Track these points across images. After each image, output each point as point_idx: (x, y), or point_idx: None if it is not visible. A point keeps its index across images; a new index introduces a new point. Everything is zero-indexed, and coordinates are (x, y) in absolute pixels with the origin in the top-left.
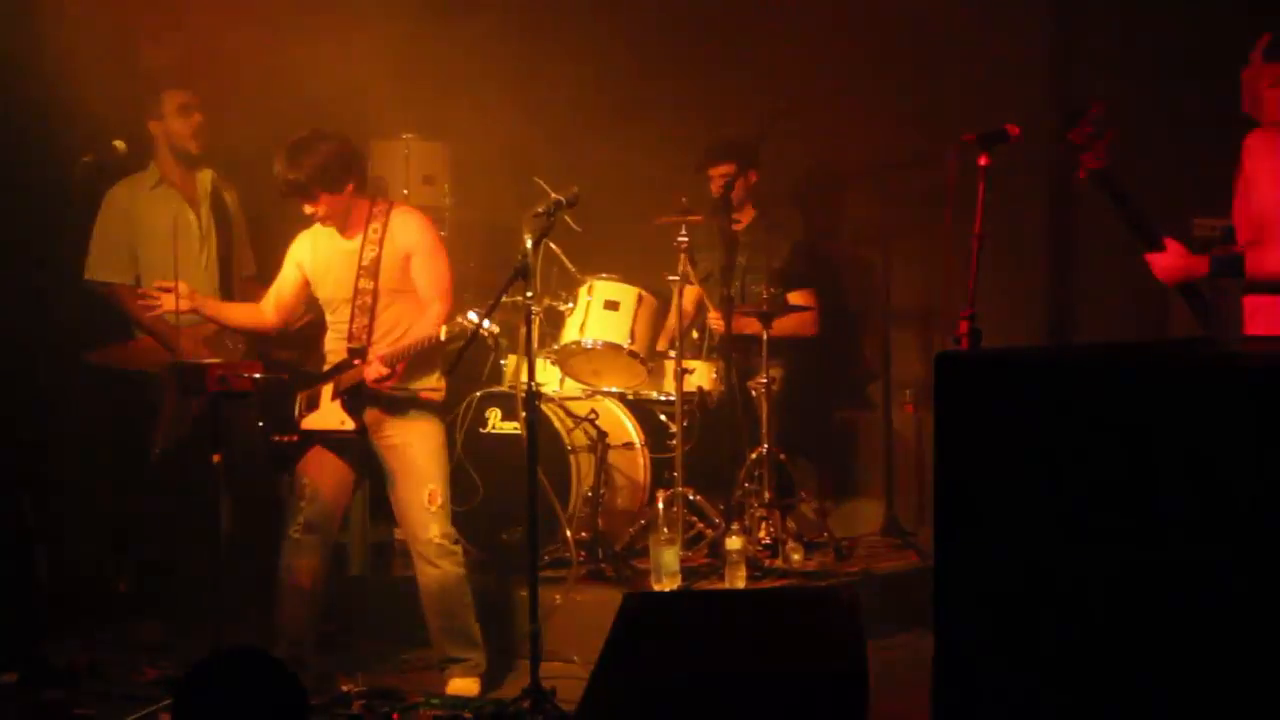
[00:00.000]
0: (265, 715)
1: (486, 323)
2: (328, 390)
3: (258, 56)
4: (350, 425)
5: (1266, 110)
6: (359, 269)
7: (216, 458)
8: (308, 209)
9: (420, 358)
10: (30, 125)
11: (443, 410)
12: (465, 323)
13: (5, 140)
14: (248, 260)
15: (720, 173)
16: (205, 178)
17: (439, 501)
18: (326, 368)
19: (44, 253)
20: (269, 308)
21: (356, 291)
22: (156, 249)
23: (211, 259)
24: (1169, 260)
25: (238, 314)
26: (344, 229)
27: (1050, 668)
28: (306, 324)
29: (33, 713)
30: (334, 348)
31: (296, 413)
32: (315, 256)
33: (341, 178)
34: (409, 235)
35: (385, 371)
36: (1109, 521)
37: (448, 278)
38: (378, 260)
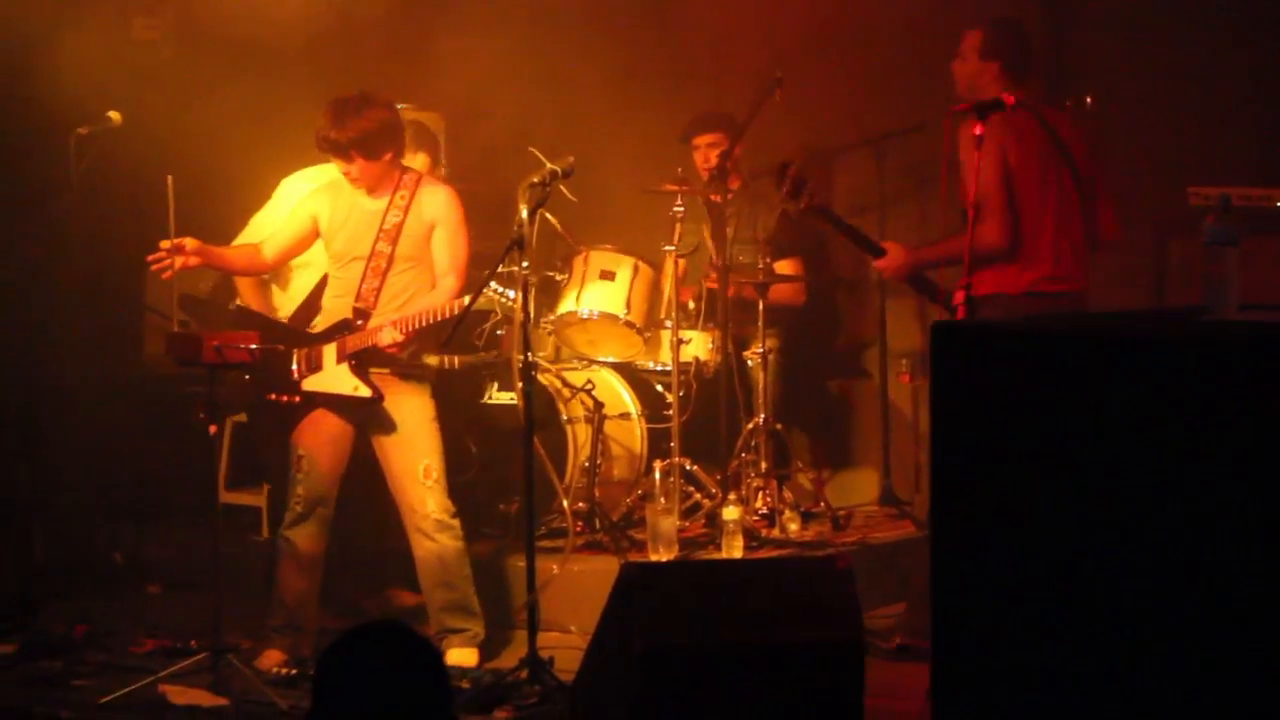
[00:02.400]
0: (407, 689)
1: (513, 293)
2: (330, 351)
3: (250, 28)
4: (366, 392)
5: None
6: (380, 231)
7: (213, 429)
8: (340, 167)
9: (426, 331)
10: (24, 96)
11: (435, 384)
12: (493, 296)
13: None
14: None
15: (706, 142)
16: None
17: (434, 475)
18: (321, 325)
19: (38, 225)
20: (268, 250)
21: (373, 253)
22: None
23: None
24: (891, 259)
25: (236, 258)
26: (371, 190)
27: (1047, 637)
28: None
29: (31, 683)
30: (333, 305)
31: (295, 372)
32: (334, 209)
33: (382, 147)
34: (436, 207)
35: (400, 338)
36: (1104, 491)
37: (465, 256)
38: (400, 227)
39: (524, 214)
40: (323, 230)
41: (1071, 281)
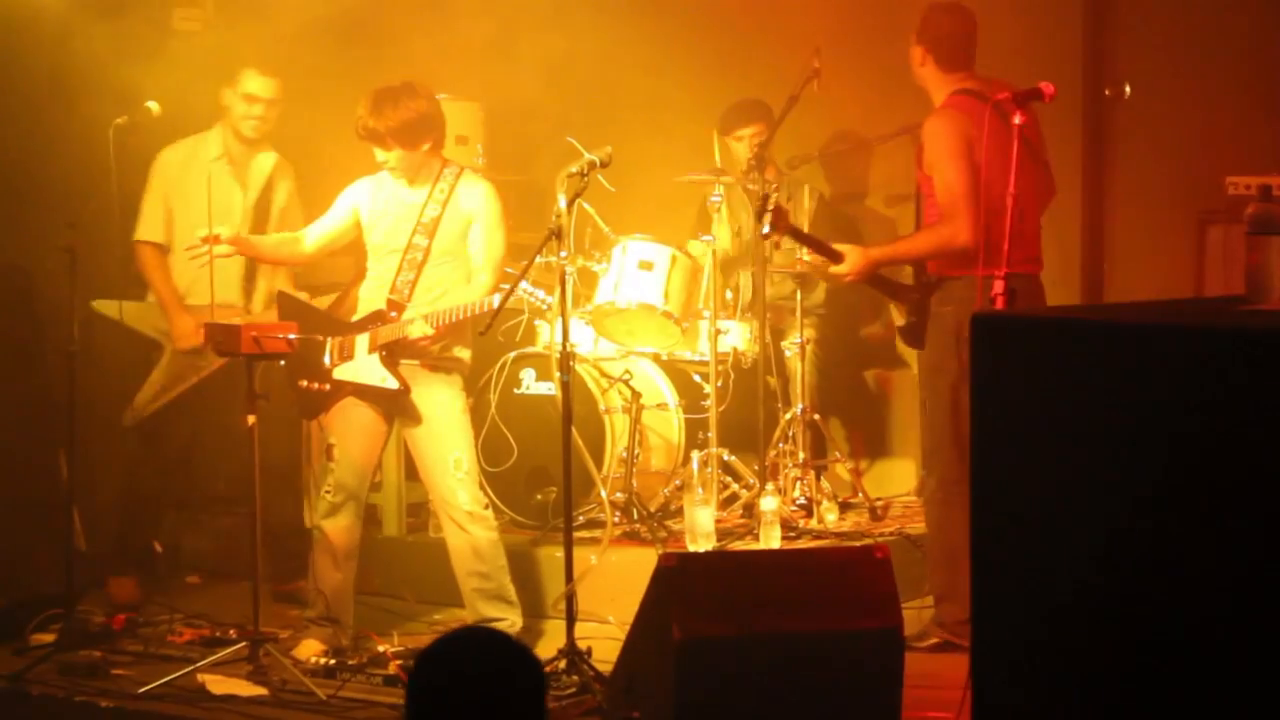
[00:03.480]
0: (504, 694)
1: (542, 292)
2: (363, 341)
3: (289, 18)
4: (394, 384)
5: (934, 94)
6: (417, 224)
7: (251, 420)
8: (379, 156)
9: (459, 326)
10: (62, 86)
11: (467, 378)
12: (524, 295)
13: (38, 102)
14: None
15: (749, 133)
16: (265, 161)
17: (464, 468)
18: (357, 316)
19: (75, 214)
20: (308, 240)
21: (409, 246)
22: (195, 225)
23: None
24: (851, 264)
25: (274, 248)
26: (411, 180)
27: (1087, 627)
28: None
29: (71, 672)
30: (369, 296)
31: (328, 360)
32: (374, 200)
33: (420, 136)
34: (475, 202)
35: (430, 332)
36: (1145, 481)
37: (502, 252)
38: (438, 220)
39: (562, 204)
40: (363, 222)
41: (1037, 264)
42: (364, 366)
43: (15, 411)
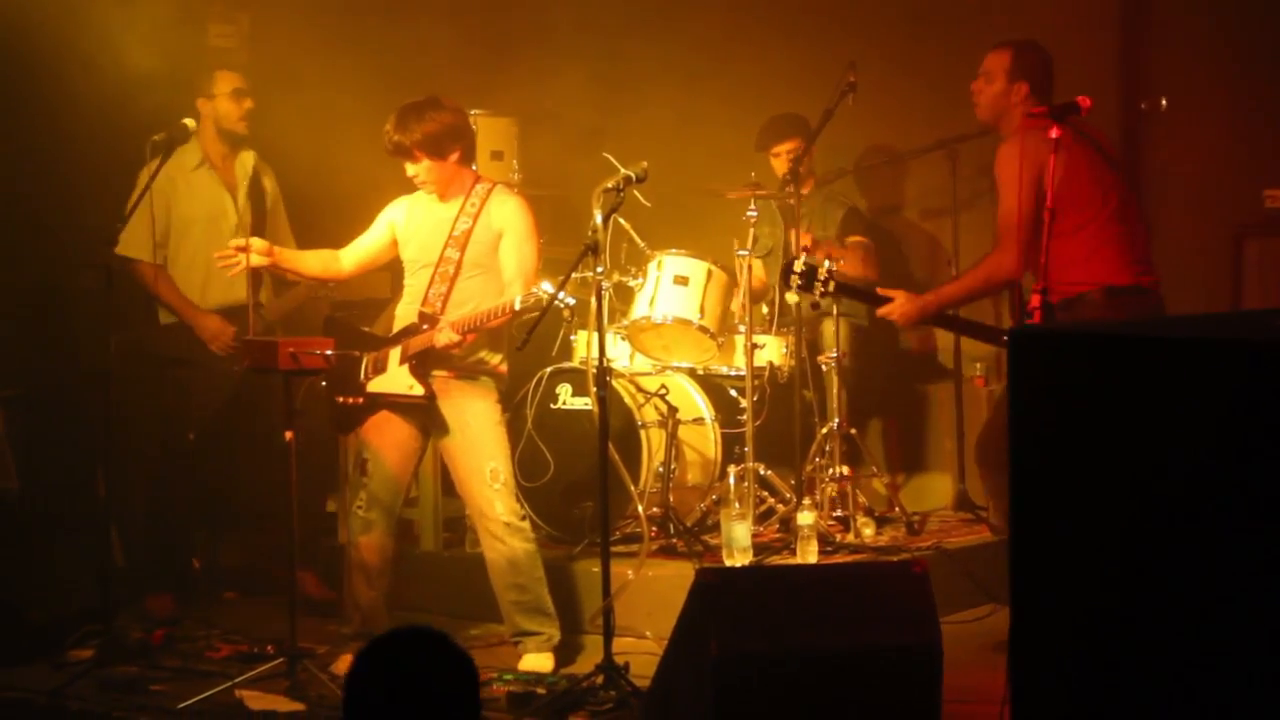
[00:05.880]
0: (438, 692)
1: (563, 294)
2: (395, 353)
3: (323, 35)
4: (420, 390)
5: (1010, 123)
6: (449, 238)
7: (289, 435)
8: (409, 169)
9: (489, 334)
10: (99, 104)
11: (503, 389)
12: (540, 294)
13: (75, 118)
14: (288, 242)
15: (785, 149)
16: (247, 159)
17: (501, 479)
18: (395, 331)
19: (113, 231)
20: (346, 258)
21: (441, 259)
22: (191, 232)
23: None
24: (897, 305)
25: (312, 263)
26: (443, 195)
27: (1126, 643)
28: None
29: (109, 688)
30: (404, 312)
31: (362, 375)
32: (409, 217)
33: (447, 147)
34: (505, 215)
35: (456, 338)
36: (1183, 495)
37: (533, 264)
38: (469, 234)
39: (598, 219)
40: (399, 238)
41: (1154, 274)
42: (394, 377)
43: (52, 429)
